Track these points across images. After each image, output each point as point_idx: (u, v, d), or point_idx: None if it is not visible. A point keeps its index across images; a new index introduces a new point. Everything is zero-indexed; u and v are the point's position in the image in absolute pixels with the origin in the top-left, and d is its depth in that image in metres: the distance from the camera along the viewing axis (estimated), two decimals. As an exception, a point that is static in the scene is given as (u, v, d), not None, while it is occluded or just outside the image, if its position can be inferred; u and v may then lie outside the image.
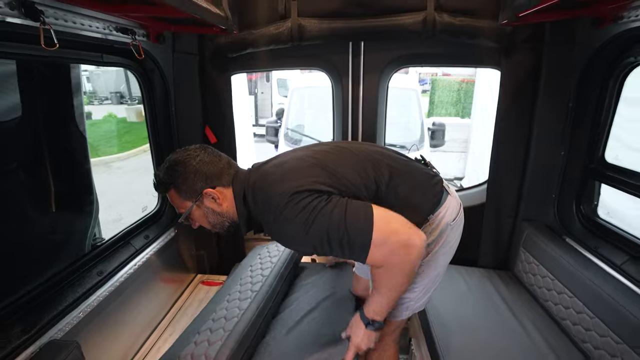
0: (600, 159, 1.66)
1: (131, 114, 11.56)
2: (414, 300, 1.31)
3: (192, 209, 1.11)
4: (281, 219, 0.97)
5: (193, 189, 1.09)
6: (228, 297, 1.52)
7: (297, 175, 1.02)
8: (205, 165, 1.09)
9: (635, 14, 1.23)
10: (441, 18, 1.64)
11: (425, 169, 1.24)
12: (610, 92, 1.52)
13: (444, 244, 1.20)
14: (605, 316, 1.35)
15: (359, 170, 1.09)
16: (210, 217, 1.13)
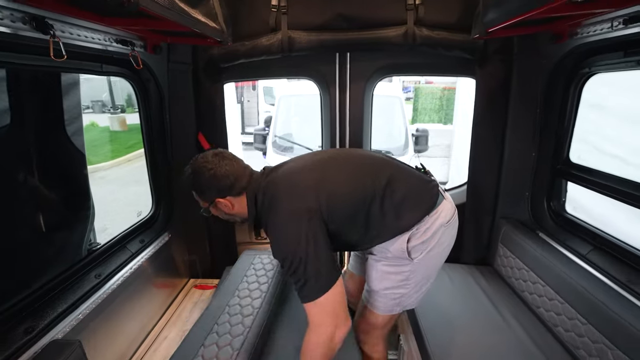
0: (566, 159, 1.82)
1: (114, 123, 11.37)
2: (406, 296, 1.39)
3: (210, 208, 1.30)
4: (276, 227, 1.15)
5: (207, 196, 1.27)
6: (229, 310, 1.54)
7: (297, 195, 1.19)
8: (216, 180, 1.23)
9: (587, 31, 1.39)
10: (420, 32, 1.79)
11: (422, 175, 1.38)
12: (571, 99, 1.69)
13: (437, 245, 1.30)
14: (573, 301, 1.48)
15: (356, 184, 1.24)
16: (223, 215, 1.34)
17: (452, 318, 1.73)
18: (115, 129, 11.27)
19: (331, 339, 1.13)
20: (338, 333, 1.14)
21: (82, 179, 1.60)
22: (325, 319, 1.13)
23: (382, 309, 1.42)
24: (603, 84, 3.25)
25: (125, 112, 13.42)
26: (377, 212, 1.23)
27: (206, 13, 1.35)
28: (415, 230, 1.26)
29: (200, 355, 1.28)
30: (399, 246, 1.27)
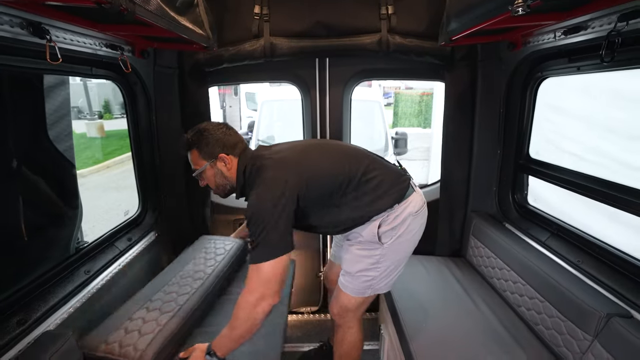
0: (526, 155, 2.00)
1: (91, 129, 11.10)
2: (377, 279, 1.51)
3: (206, 168, 1.41)
4: (256, 196, 1.26)
5: (212, 152, 1.40)
6: (165, 288, 1.62)
7: (283, 170, 1.31)
8: (225, 136, 1.42)
9: (536, 40, 1.57)
10: (393, 39, 1.94)
11: (397, 169, 1.54)
12: (528, 100, 1.88)
13: (406, 232, 1.45)
14: (533, 282, 1.64)
15: (335, 168, 1.38)
16: (218, 177, 1.44)
17: (428, 306, 1.85)
18: (92, 136, 11.00)
19: (254, 306, 1.21)
20: (263, 304, 1.21)
21: (71, 180, 1.64)
22: (258, 286, 1.21)
23: (354, 291, 1.54)
24: (561, 87, 3.54)
25: (103, 119, 13.13)
26: (352, 196, 1.37)
27: (193, 20, 1.44)
28: (385, 217, 1.40)
29: (123, 328, 1.35)
30: (371, 231, 1.41)
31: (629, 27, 1.10)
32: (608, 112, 3.14)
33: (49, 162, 1.54)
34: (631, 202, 1.33)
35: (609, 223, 1.89)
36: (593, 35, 1.26)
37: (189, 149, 1.43)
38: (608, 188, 1.46)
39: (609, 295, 1.34)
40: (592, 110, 3.21)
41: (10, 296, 1.22)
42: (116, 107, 13.75)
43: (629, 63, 1.24)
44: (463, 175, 2.27)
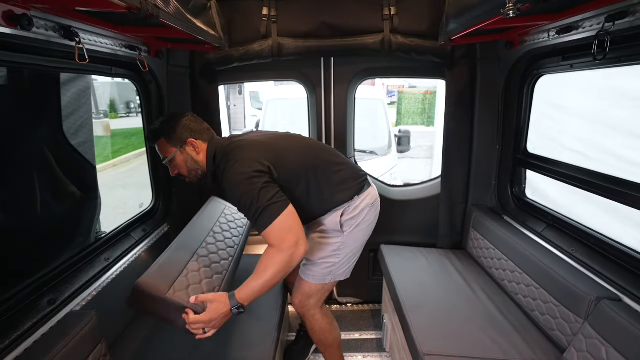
0: (524, 150, 2.08)
1: (98, 128, 11.25)
2: (337, 266, 1.62)
3: (176, 154, 1.47)
4: (230, 174, 1.31)
5: (180, 137, 1.46)
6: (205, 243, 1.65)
7: (254, 150, 1.39)
8: (192, 123, 1.50)
9: (532, 39, 1.65)
10: (396, 39, 2.02)
11: (357, 166, 1.72)
12: (525, 96, 1.95)
13: (363, 221, 1.60)
14: (529, 271, 1.71)
15: (301, 157, 1.50)
16: (189, 162, 1.49)
17: (429, 296, 1.92)
18: (99, 135, 11.15)
19: (291, 256, 1.24)
20: (297, 252, 1.25)
21: (91, 174, 1.75)
22: (285, 235, 1.24)
23: (316, 278, 1.64)
24: (564, 86, 3.60)
25: (109, 118, 13.29)
26: (318, 186, 1.49)
27: (206, 22, 1.53)
28: (347, 207, 1.54)
29: (185, 277, 1.36)
30: (334, 220, 1.54)
31: (616, 27, 1.17)
32: (610, 110, 3.20)
33: (72, 158, 1.64)
34: (623, 193, 1.41)
35: (603, 214, 1.97)
36: (584, 34, 1.33)
37: (156, 139, 1.49)
38: (601, 180, 1.53)
39: (600, 281, 1.42)
40: (595, 108, 3.27)
41: (41, 278, 1.32)
42: (121, 106, 13.93)
43: (620, 61, 1.31)
44: (463, 170, 2.34)
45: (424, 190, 2.59)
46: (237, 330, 1.64)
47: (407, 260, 2.26)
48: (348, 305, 2.76)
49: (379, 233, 2.49)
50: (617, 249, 1.46)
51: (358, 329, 2.50)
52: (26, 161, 1.44)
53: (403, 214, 2.54)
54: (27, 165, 1.44)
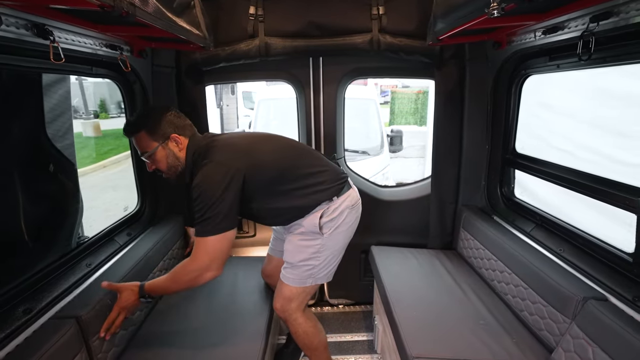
0: (513, 150, 2.08)
1: (87, 129, 11.08)
2: (317, 268, 1.61)
3: (158, 149, 1.43)
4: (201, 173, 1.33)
5: (163, 132, 1.42)
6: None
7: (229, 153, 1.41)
8: (175, 118, 1.48)
9: (519, 39, 1.64)
10: (384, 38, 2.00)
11: (338, 167, 1.69)
12: (513, 96, 1.95)
13: (344, 223, 1.58)
14: (518, 271, 1.71)
15: (279, 157, 1.51)
16: (170, 158, 1.46)
17: (419, 296, 1.91)
18: (88, 135, 10.99)
19: (198, 275, 1.34)
20: (206, 274, 1.35)
21: (71, 176, 1.70)
22: (204, 257, 1.32)
23: (296, 281, 1.62)
24: (553, 86, 3.64)
25: (99, 118, 13.09)
26: (295, 185, 1.49)
27: (190, 21, 1.50)
28: (326, 208, 1.53)
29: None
30: (312, 221, 1.53)
31: (600, 28, 1.17)
32: (598, 110, 3.24)
33: (50, 159, 1.59)
34: (609, 193, 1.41)
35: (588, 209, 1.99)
36: (570, 35, 1.33)
37: (135, 132, 1.43)
38: (588, 180, 1.54)
39: (587, 281, 1.42)
40: (583, 108, 3.30)
41: (15, 287, 1.27)
42: (112, 106, 13.73)
43: (605, 61, 1.31)
44: (453, 171, 2.34)
45: (414, 190, 2.58)
46: (224, 335, 1.61)
47: (397, 261, 2.25)
48: (339, 306, 2.74)
49: (369, 234, 2.51)
50: (604, 249, 1.46)
51: (349, 331, 2.49)
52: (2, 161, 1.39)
53: (394, 215, 2.53)
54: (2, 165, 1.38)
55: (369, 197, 2.47)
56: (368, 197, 2.45)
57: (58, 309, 1.33)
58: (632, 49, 1.21)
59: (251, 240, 2.61)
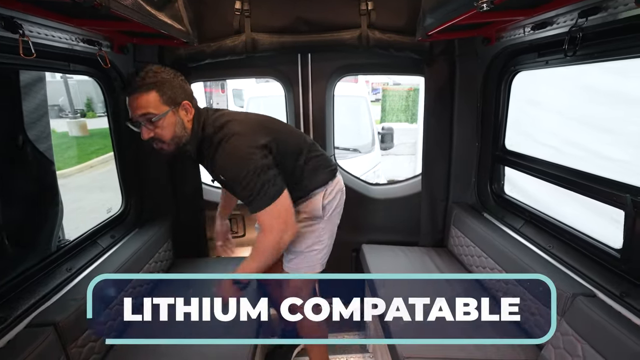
0: (502, 146, 2.07)
1: (73, 128, 10.84)
2: (322, 253, 1.64)
3: (167, 115, 1.26)
4: (230, 147, 1.27)
5: (175, 97, 1.28)
6: None
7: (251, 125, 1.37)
8: (185, 84, 1.36)
9: (509, 35, 1.63)
10: (373, 34, 1.97)
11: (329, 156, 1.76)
12: (502, 93, 1.94)
13: (337, 206, 1.64)
14: (508, 268, 1.71)
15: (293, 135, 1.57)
16: (178, 127, 1.30)
17: (408, 293, 1.90)
18: (75, 135, 10.74)
19: (279, 241, 1.33)
20: (284, 238, 1.34)
21: (50, 179, 1.63)
22: (274, 223, 1.31)
23: (306, 268, 1.63)
24: (541, 83, 3.67)
25: (86, 117, 12.80)
26: (304, 165, 1.50)
27: (172, 16, 1.45)
28: (326, 190, 1.56)
29: None
30: (315, 205, 1.55)
31: (589, 23, 1.16)
32: (584, 106, 3.28)
33: (27, 161, 1.52)
34: (596, 189, 1.41)
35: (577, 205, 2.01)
36: (558, 30, 1.32)
37: (146, 90, 1.22)
38: (576, 176, 1.54)
39: (575, 277, 1.42)
40: (570, 104, 3.34)
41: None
42: (99, 104, 13.42)
43: (591, 57, 1.30)
44: (444, 168, 2.33)
45: (405, 188, 2.57)
46: (213, 335, 1.56)
47: (388, 259, 2.24)
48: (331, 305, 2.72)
49: (360, 232, 2.49)
50: (592, 245, 1.46)
51: (341, 330, 2.47)
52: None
53: (385, 213, 2.51)
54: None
55: (359, 196, 2.45)
56: (359, 195, 2.43)
57: (36, 315, 1.28)
58: (618, 45, 1.20)
59: (240, 240, 2.57)
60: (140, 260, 1.82)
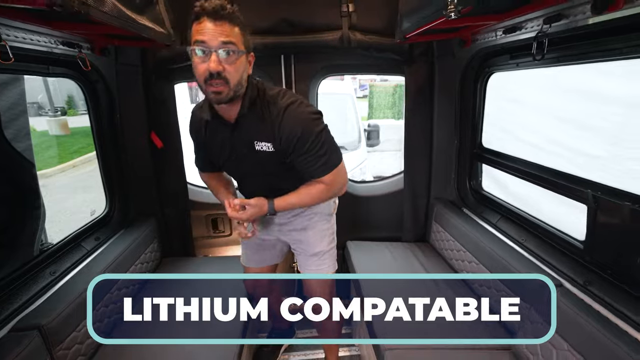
0: (479, 144, 2.16)
1: (54, 127, 10.52)
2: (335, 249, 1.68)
3: (242, 56, 1.18)
4: (299, 111, 1.26)
5: (249, 45, 1.23)
6: None
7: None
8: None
9: (483, 38, 1.70)
10: (354, 36, 2.01)
11: None
12: (478, 93, 2.02)
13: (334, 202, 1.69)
14: (485, 261, 1.79)
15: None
16: (243, 75, 1.21)
17: (391, 289, 1.97)
18: (55, 133, 10.43)
19: (331, 195, 1.42)
20: (339, 193, 1.44)
21: (31, 180, 1.61)
22: (338, 179, 1.36)
23: (332, 266, 1.66)
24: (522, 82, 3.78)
25: (67, 115, 12.44)
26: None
27: (153, 18, 1.45)
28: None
29: None
30: (328, 203, 1.58)
31: (553, 29, 1.23)
32: (562, 104, 3.41)
33: (5, 162, 1.50)
34: (561, 185, 1.50)
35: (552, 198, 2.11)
36: (527, 35, 1.39)
37: (233, 22, 1.14)
38: (543, 172, 1.62)
39: (545, 268, 1.51)
40: (550, 103, 3.47)
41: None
42: (81, 102, 13.04)
43: (557, 61, 1.38)
44: (425, 165, 2.40)
45: (388, 185, 2.63)
46: (198, 335, 1.59)
47: (372, 255, 2.30)
48: (318, 301, 2.77)
49: (346, 230, 2.53)
50: (560, 237, 1.55)
51: (328, 325, 2.53)
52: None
53: (369, 210, 2.57)
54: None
55: (345, 194, 2.50)
56: (344, 193, 2.48)
57: (19, 320, 1.28)
58: (581, 49, 1.28)
59: (226, 239, 2.59)
60: (126, 262, 1.83)
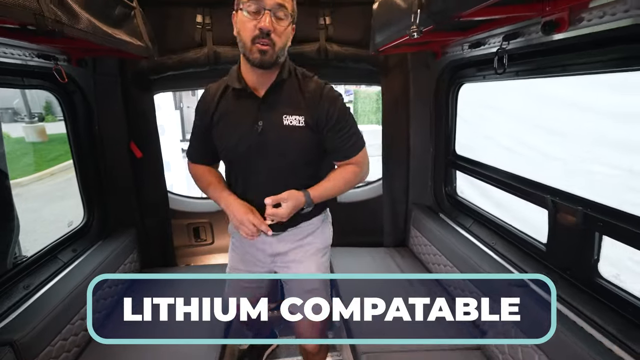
0: (453, 152, 2.25)
1: (30, 133, 10.19)
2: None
3: (291, 24, 1.24)
4: (333, 93, 1.35)
5: (295, 15, 1.26)
6: None
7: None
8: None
9: (452, 51, 1.80)
10: (331, 47, 2.08)
11: None
12: (450, 102, 2.11)
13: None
14: (459, 264, 1.86)
15: None
16: (288, 41, 1.27)
17: (369, 294, 2.01)
18: (32, 140, 10.10)
19: (362, 176, 1.46)
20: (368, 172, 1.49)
21: (3, 190, 1.59)
22: (367, 159, 1.44)
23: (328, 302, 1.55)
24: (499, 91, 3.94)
25: (45, 121, 12.07)
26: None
27: (131, 32, 1.47)
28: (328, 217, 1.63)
29: None
30: (328, 233, 1.61)
31: (512, 46, 1.32)
32: (535, 111, 3.59)
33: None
34: (524, 190, 1.59)
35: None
36: (489, 50, 1.48)
37: None
38: (508, 178, 1.72)
39: (513, 270, 1.59)
40: (526, 110, 3.64)
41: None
42: (59, 108, 12.70)
43: (517, 75, 1.47)
44: (402, 172, 2.47)
45: (368, 191, 2.70)
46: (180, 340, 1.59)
47: (352, 260, 2.35)
48: (301, 308, 2.79)
49: (327, 236, 2.58)
50: (526, 241, 1.64)
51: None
52: None
53: (350, 216, 2.62)
54: None
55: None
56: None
57: None
58: (538, 64, 1.37)
59: (209, 248, 2.59)
60: (104, 273, 1.81)
